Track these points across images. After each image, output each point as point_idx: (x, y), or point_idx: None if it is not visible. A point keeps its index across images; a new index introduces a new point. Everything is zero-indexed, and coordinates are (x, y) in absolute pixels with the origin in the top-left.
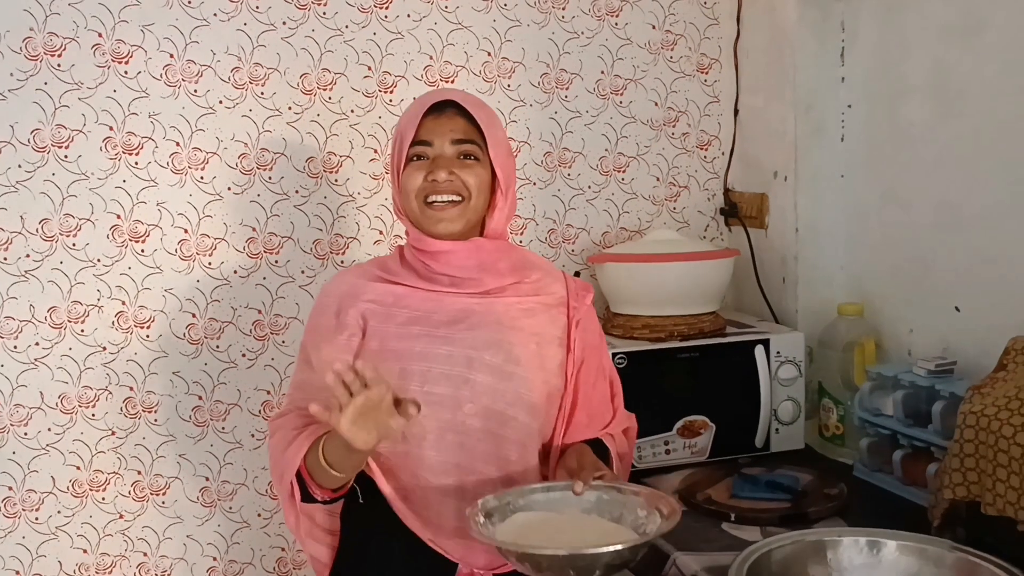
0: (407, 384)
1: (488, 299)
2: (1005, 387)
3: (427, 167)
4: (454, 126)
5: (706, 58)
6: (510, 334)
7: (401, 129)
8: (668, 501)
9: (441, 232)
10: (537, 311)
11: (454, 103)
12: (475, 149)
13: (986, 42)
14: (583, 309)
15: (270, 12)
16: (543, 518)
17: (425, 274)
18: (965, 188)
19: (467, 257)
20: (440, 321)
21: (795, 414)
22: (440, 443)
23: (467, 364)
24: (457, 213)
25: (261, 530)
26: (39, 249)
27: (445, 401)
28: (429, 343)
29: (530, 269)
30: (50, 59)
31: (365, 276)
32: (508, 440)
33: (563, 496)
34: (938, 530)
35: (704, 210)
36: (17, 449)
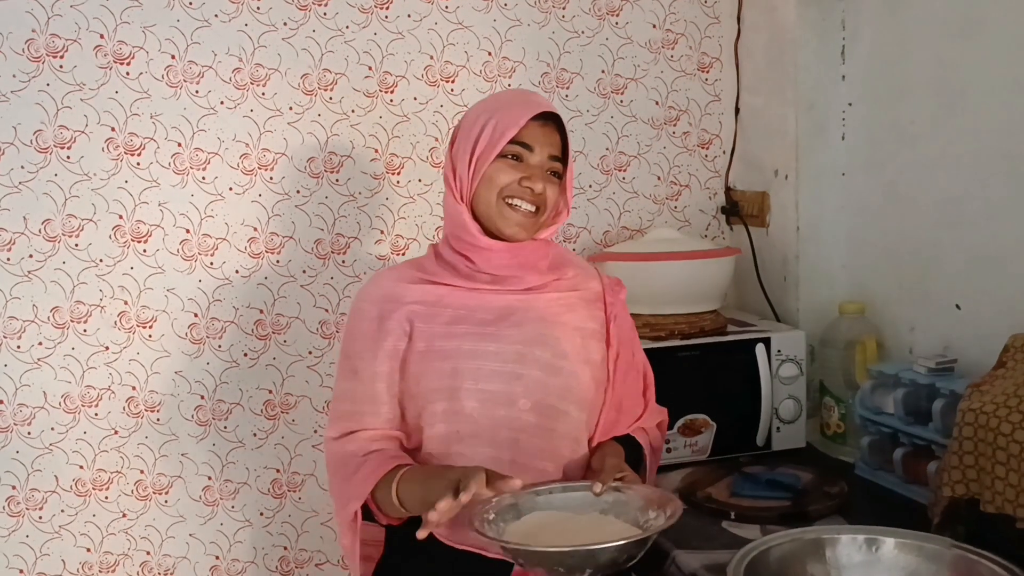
0: (460, 383)
1: (530, 295)
2: (1004, 384)
3: (523, 170)
4: (554, 141)
5: (707, 57)
6: (555, 329)
7: (500, 121)
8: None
9: (512, 235)
10: (577, 306)
11: (556, 117)
12: (560, 168)
13: (987, 40)
14: (618, 304)
15: (271, 13)
16: (558, 517)
17: (466, 272)
18: (966, 186)
19: (509, 257)
20: (485, 319)
21: (796, 413)
22: (494, 440)
23: (518, 360)
24: (531, 223)
25: (263, 529)
26: (42, 249)
27: (499, 397)
28: (477, 341)
29: (567, 266)
30: (52, 60)
31: (404, 278)
32: (561, 435)
33: (583, 497)
34: (938, 528)
35: (705, 209)
36: (21, 448)
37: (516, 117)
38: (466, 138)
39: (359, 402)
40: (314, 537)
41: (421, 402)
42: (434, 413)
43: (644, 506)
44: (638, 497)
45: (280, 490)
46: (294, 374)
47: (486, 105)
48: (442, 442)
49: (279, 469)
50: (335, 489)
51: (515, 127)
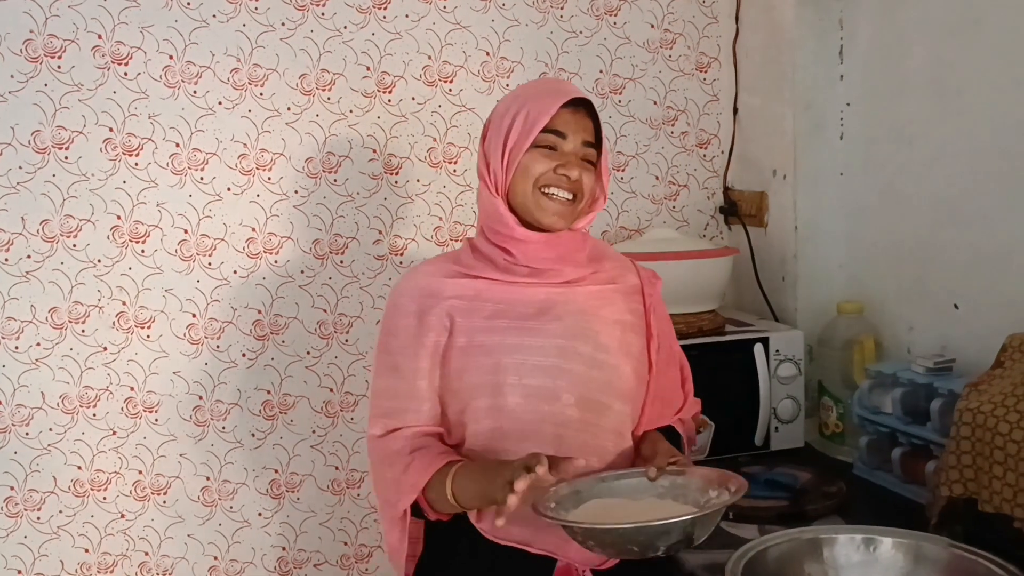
0: (503, 378)
1: (569, 288)
2: (1002, 384)
3: (557, 159)
4: (587, 127)
5: (705, 57)
6: (595, 322)
7: (531, 111)
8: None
9: (549, 224)
10: (616, 299)
11: (588, 103)
12: (595, 155)
13: (984, 39)
14: (655, 296)
15: (269, 13)
16: (618, 503)
17: (503, 265)
18: (964, 186)
19: (547, 249)
20: (525, 313)
21: (795, 412)
22: (538, 436)
23: (560, 354)
24: (569, 211)
25: (262, 529)
26: (40, 250)
27: (543, 392)
28: (519, 335)
29: (604, 259)
30: (50, 61)
31: (441, 273)
32: (605, 429)
33: (639, 483)
34: (936, 528)
35: (703, 209)
36: (19, 449)
37: (547, 105)
38: (497, 131)
39: (401, 399)
40: (312, 537)
41: (464, 398)
42: (477, 409)
43: (703, 486)
44: (695, 479)
45: (278, 490)
46: (292, 374)
47: (515, 96)
48: (486, 438)
49: (277, 470)
50: (382, 487)
51: (547, 115)
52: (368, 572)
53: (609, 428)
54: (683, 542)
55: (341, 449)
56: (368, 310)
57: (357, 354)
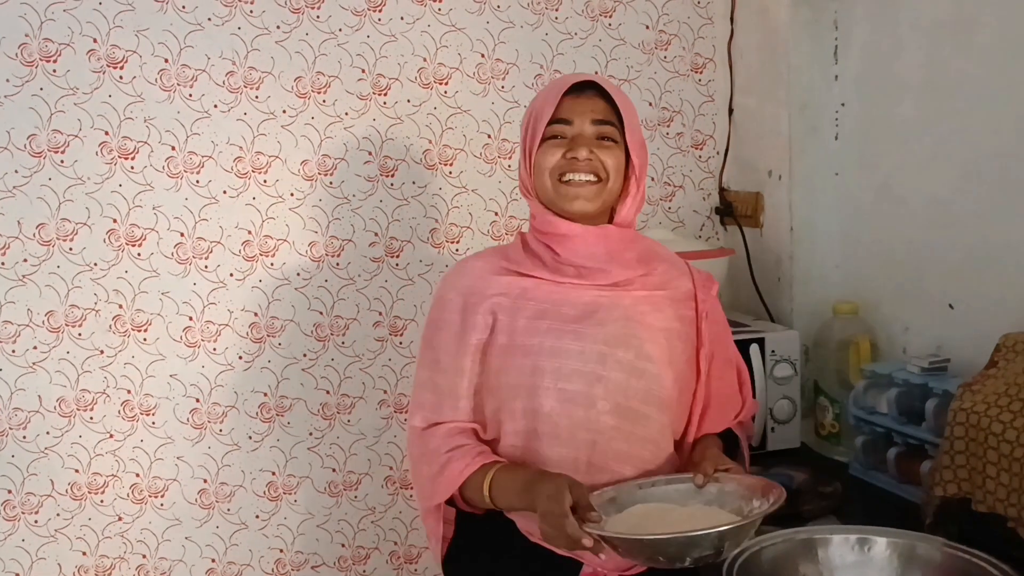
0: (539, 381)
1: (616, 292)
2: (995, 384)
3: (566, 145)
4: (595, 106)
5: (700, 58)
6: (639, 329)
7: (537, 108)
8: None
9: (576, 210)
10: (664, 305)
11: (594, 84)
12: (614, 131)
13: (977, 39)
14: (710, 301)
15: (264, 16)
16: (661, 509)
17: (551, 264)
18: (957, 186)
19: (595, 244)
20: (569, 315)
21: (791, 413)
22: (572, 441)
23: (600, 360)
24: (594, 192)
25: (259, 531)
26: (36, 253)
27: (578, 398)
28: (559, 338)
29: (657, 261)
30: (46, 65)
31: (489, 268)
32: (641, 438)
33: (687, 488)
34: (931, 527)
35: (699, 209)
36: (16, 452)
37: (550, 97)
38: (521, 133)
39: (441, 394)
40: (310, 539)
41: (501, 397)
42: (513, 410)
43: (747, 495)
44: (741, 486)
45: (276, 493)
46: (289, 377)
47: (534, 98)
48: (521, 439)
49: (274, 472)
50: (419, 482)
51: (551, 107)
52: (366, 574)
53: (646, 437)
54: (713, 554)
55: (338, 451)
56: (364, 312)
57: (354, 356)
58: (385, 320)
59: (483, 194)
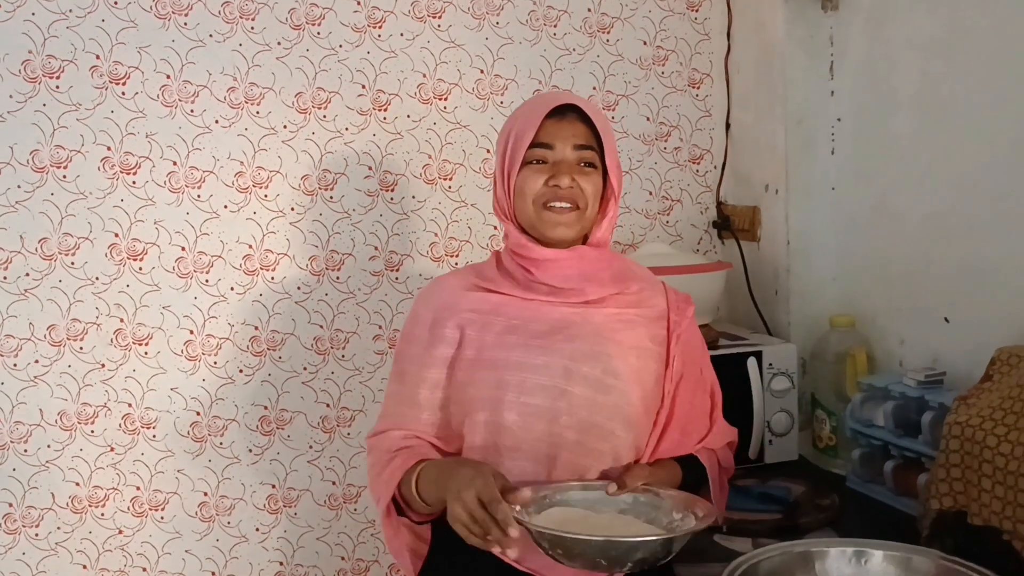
0: (503, 395)
1: (587, 309)
2: (990, 397)
3: (548, 171)
4: (576, 131)
5: (697, 73)
6: (609, 346)
7: (517, 130)
8: (703, 504)
9: (557, 237)
10: (637, 323)
11: (575, 107)
12: (594, 156)
13: (971, 55)
14: (684, 323)
15: (265, 32)
16: (580, 514)
17: (524, 282)
18: (952, 200)
19: (570, 267)
20: (538, 331)
21: (788, 425)
22: (533, 455)
23: (564, 375)
24: (574, 219)
25: (259, 544)
26: (38, 268)
27: (541, 412)
28: (525, 353)
29: (632, 280)
30: (49, 81)
31: (461, 285)
32: (604, 454)
33: (601, 496)
34: (927, 540)
35: (697, 223)
36: (17, 466)
37: (531, 120)
38: (498, 156)
39: (401, 405)
40: (310, 552)
41: (465, 410)
42: (475, 423)
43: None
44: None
45: (276, 506)
46: (289, 390)
47: (510, 118)
48: (480, 453)
49: (275, 485)
50: (370, 485)
51: (531, 130)
52: None
53: (609, 453)
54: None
55: (338, 464)
56: (364, 326)
57: (353, 369)
58: (385, 333)
59: (482, 208)
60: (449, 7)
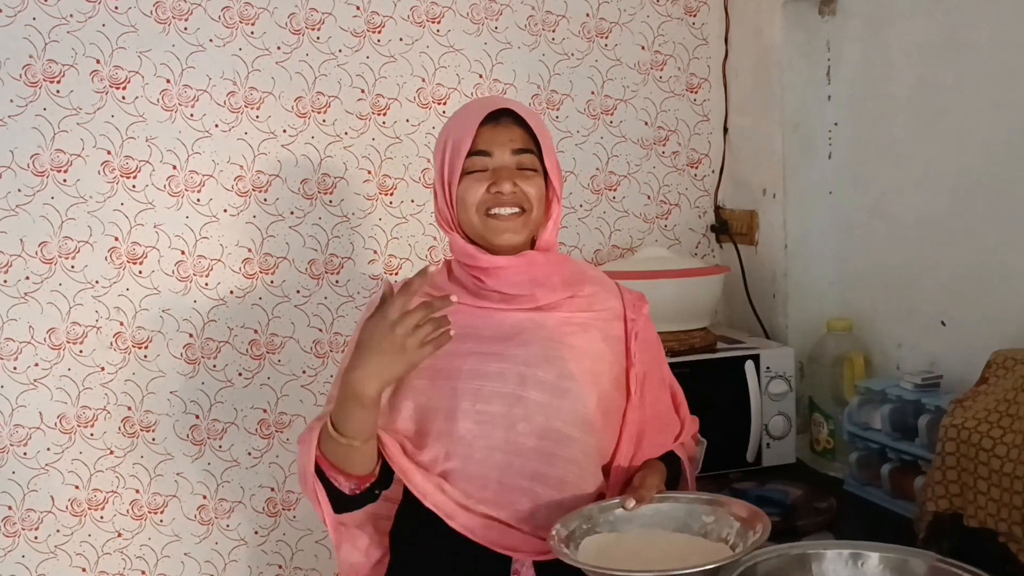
0: (457, 404)
1: (540, 314)
2: (986, 400)
3: (488, 178)
4: (513, 135)
5: (695, 78)
6: (563, 350)
7: (454, 139)
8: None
9: (504, 244)
10: (591, 326)
11: (510, 111)
12: (533, 160)
13: (966, 60)
14: (641, 321)
15: (265, 37)
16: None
17: (475, 290)
18: (949, 204)
19: (520, 273)
20: (491, 337)
21: (786, 429)
22: (486, 462)
23: (520, 381)
24: (520, 224)
25: (258, 548)
26: (38, 271)
27: (497, 420)
28: (480, 360)
29: (584, 283)
30: (49, 85)
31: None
32: (564, 459)
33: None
34: (924, 542)
35: (695, 227)
36: (17, 469)
37: (467, 128)
38: (437, 165)
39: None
40: (308, 555)
41: (419, 419)
42: (429, 432)
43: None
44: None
45: (275, 509)
46: (288, 393)
47: (446, 125)
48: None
49: (274, 488)
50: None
51: (468, 138)
52: None
53: (569, 458)
54: None
55: None
56: None
57: None
58: None
59: None
60: (448, 12)
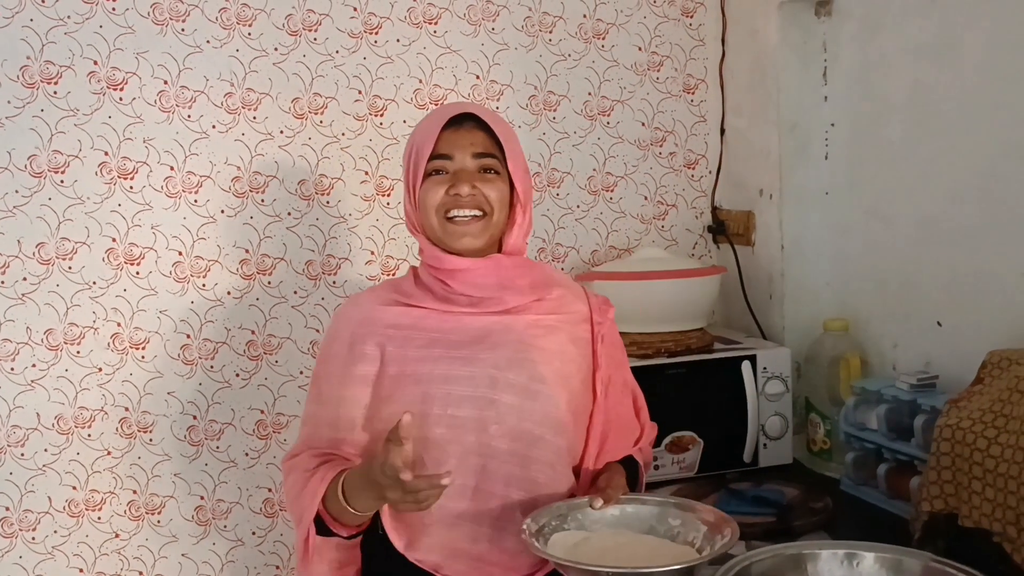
0: (429, 409)
1: (508, 317)
2: (981, 400)
3: (448, 181)
4: (474, 139)
5: (692, 79)
6: (533, 352)
7: (417, 143)
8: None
9: (464, 247)
10: (558, 329)
11: (473, 116)
12: (495, 163)
13: (962, 61)
14: (606, 324)
15: (262, 38)
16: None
17: (442, 295)
18: (944, 205)
19: (486, 275)
20: (460, 341)
21: (783, 429)
22: (461, 467)
23: (490, 385)
24: (480, 228)
25: (256, 548)
26: (36, 272)
27: (469, 424)
28: (450, 365)
29: (551, 286)
30: (46, 87)
31: (379, 301)
32: (537, 461)
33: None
34: (919, 543)
35: (692, 228)
36: (14, 470)
37: (429, 133)
38: (403, 171)
39: (320, 426)
40: None
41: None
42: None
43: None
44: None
45: (272, 509)
46: (285, 394)
47: (413, 130)
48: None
49: (271, 488)
50: (289, 506)
51: (430, 143)
52: None
53: (541, 459)
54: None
55: None
56: None
57: None
58: None
59: None
60: (445, 13)
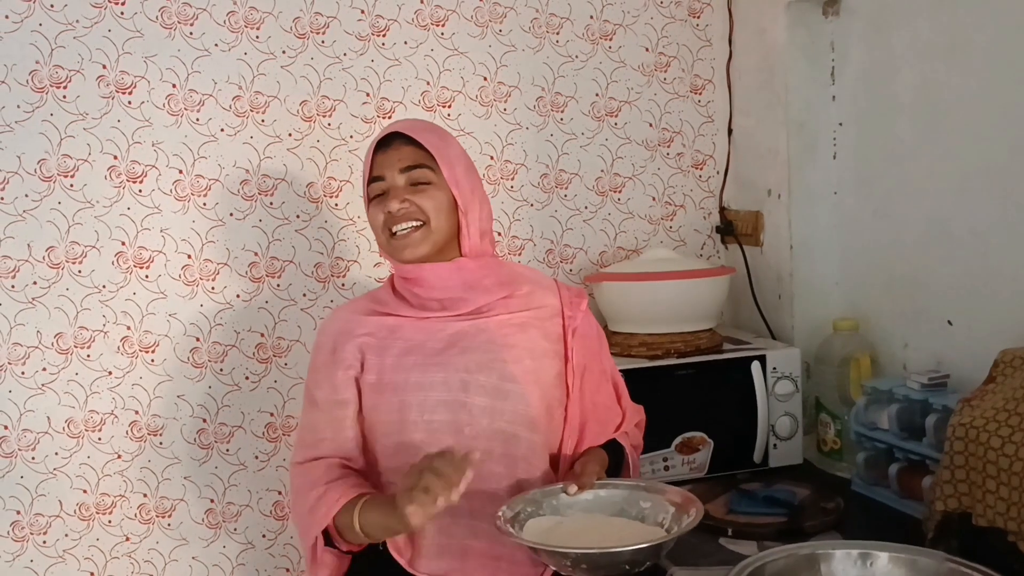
0: (407, 416)
1: (480, 320)
2: (994, 399)
3: (383, 201)
4: (401, 155)
5: (699, 79)
6: (503, 352)
7: (362, 171)
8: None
9: (408, 258)
10: (530, 325)
11: (400, 134)
12: (426, 173)
13: (970, 59)
14: (579, 316)
15: (270, 41)
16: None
17: (415, 302)
18: (954, 204)
19: (449, 277)
20: (434, 348)
21: (793, 429)
22: None
23: (463, 388)
24: (420, 237)
25: (266, 551)
26: (46, 276)
27: (445, 428)
28: (424, 372)
29: (519, 283)
30: (56, 91)
31: (359, 311)
32: (514, 457)
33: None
34: (932, 542)
35: (700, 228)
36: (25, 473)
37: (367, 159)
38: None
39: (319, 430)
40: None
41: (375, 435)
42: (386, 447)
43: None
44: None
45: (282, 512)
46: (295, 396)
47: None
48: (395, 475)
49: (281, 491)
50: (297, 516)
51: (367, 168)
52: None
53: (518, 456)
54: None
55: None
56: None
57: None
58: None
59: None
60: (452, 15)
